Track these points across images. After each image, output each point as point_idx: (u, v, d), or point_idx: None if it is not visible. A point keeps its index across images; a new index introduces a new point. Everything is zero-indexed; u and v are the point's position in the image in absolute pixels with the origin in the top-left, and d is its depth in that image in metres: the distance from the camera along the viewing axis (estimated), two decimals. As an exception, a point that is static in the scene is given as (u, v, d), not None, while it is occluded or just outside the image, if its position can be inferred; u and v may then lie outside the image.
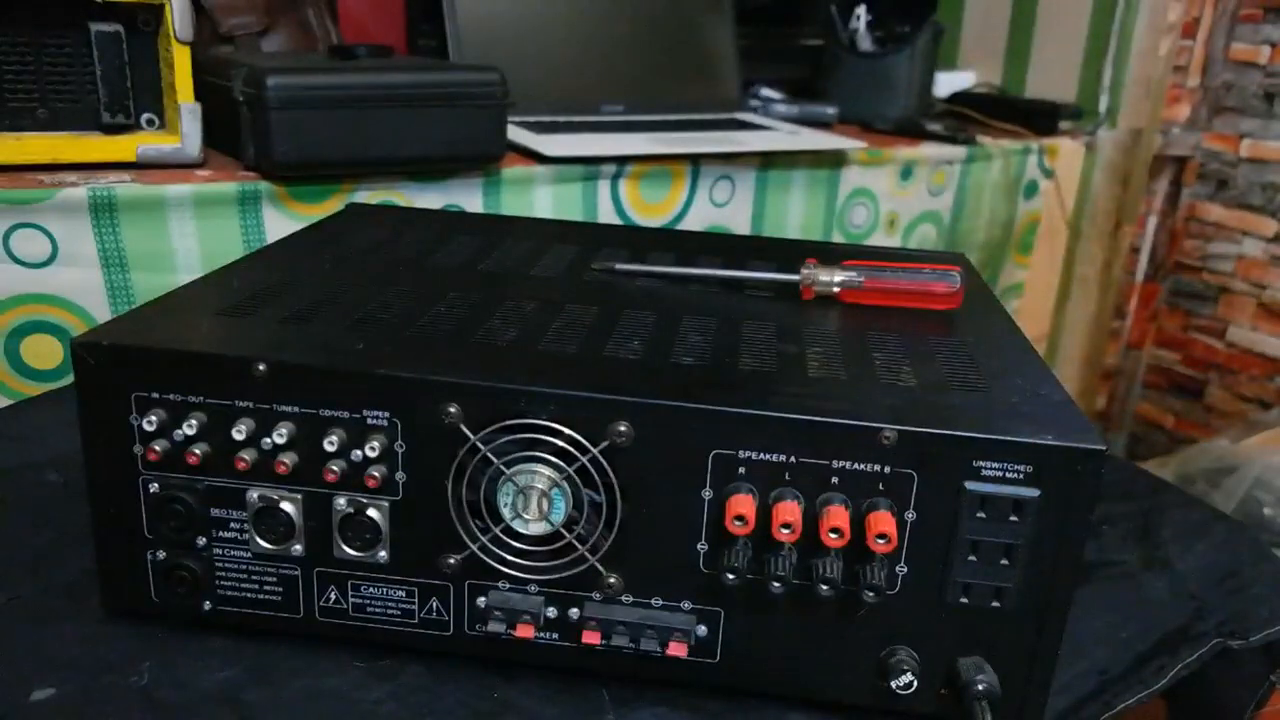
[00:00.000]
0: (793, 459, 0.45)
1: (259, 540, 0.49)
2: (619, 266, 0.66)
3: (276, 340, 0.50)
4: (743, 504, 0.45)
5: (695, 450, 0.45)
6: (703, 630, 0.48)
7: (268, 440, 0.47)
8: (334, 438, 0.47)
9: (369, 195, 1.00)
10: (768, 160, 1.24)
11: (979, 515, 0.45)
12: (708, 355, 0.52)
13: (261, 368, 0.46)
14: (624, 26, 1.37)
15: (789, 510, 0.45)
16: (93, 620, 0.52)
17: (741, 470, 0.46)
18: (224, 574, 0.50)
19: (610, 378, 0.48)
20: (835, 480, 0.45)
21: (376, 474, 0.47)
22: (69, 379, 0.49)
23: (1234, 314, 2.18)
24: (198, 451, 0.47)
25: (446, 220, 0.84)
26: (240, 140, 0.94)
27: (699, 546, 0.47)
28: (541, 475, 0.46)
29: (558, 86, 1.31)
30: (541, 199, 1.10)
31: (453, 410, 0.46)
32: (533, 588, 0.48)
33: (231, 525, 0.49)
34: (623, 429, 0.45)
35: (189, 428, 0.47)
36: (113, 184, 0.87)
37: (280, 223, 0.95)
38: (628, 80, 1.37)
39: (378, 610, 0.50)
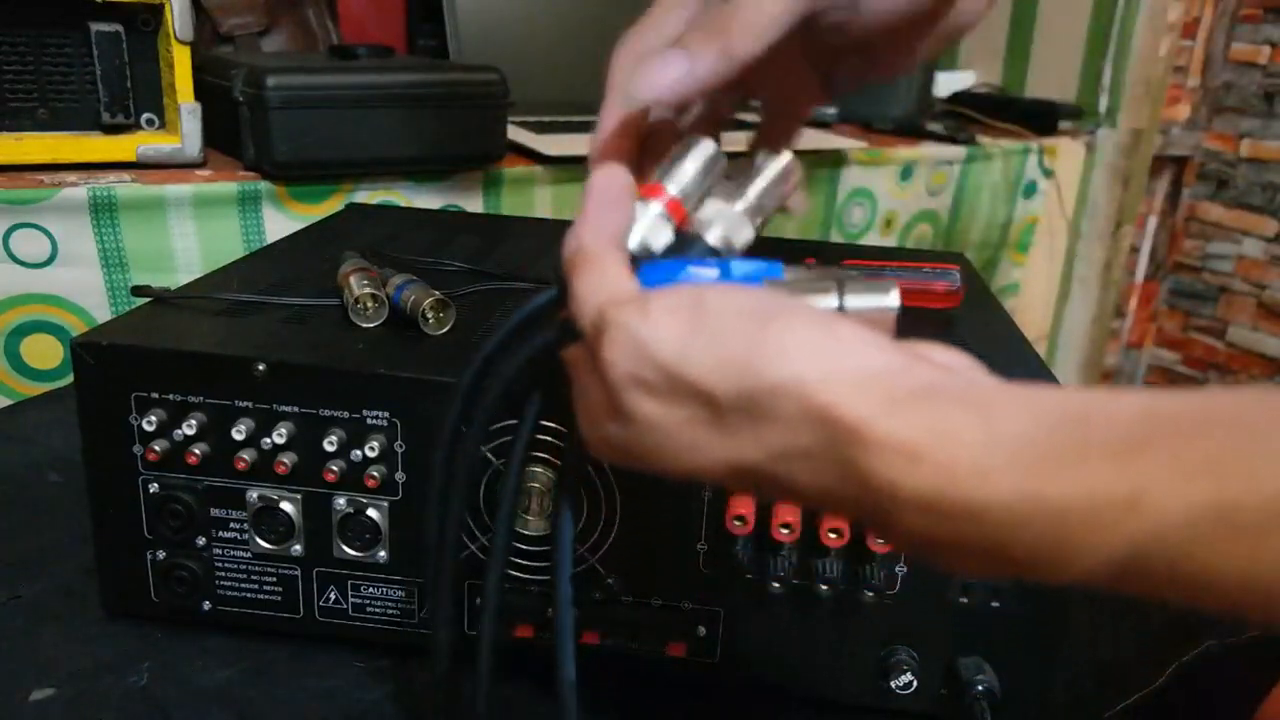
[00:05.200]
0: (792, 459, 0.45)
1: (259, 540, 0.49)
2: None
3: (276, 340, 0.50)
4: (743, 504, 0.45)
5: (695, 450, 0.45)
6: (703, 630, 0.48)
7: (267, 440, 0.47)
8: (334, 438, 0.47)
9: (369, 195, 1.00)
10: (767, 160, 1.23)
11: (979, 515, 0.45)
12: (707, 355, 0.52)
13: (261, 368, 0.46)
14: (624, 26, 1.36)
15: (788, 510, 0.45)
16: (93, 620, 0.52)
17: (741, 470, 0.45)
18: (224, 574, 0.50)
19: (610, 378, 0.48)
20: (835, 480, 0.45)
21: (376, 474, 0.47)
22: (69, 379, 0.49)
23: (1234, 314, 2.18)
24: (197, 451, 0.47)
25: (446, 220, 0.85)
26: (240, 140, 0.94)
27: (699, 546, 0.47)
28: (540, 475, 0.46)
29: (558, 86, 1.31)
30: (541, 199, 1.10)
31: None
32: (533, 588, 0.48)
33: (231, 525, 0.49)
34: (622, 429, 0.45)
35: (189, 428, 0.47)
36: (113, 184, 0.87)
37: (280, 223, 0.95)
38: (628, 80, 1.36)
39: (378, 610, 0.50)
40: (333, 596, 0.50)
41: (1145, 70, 1.65)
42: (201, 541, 0.49)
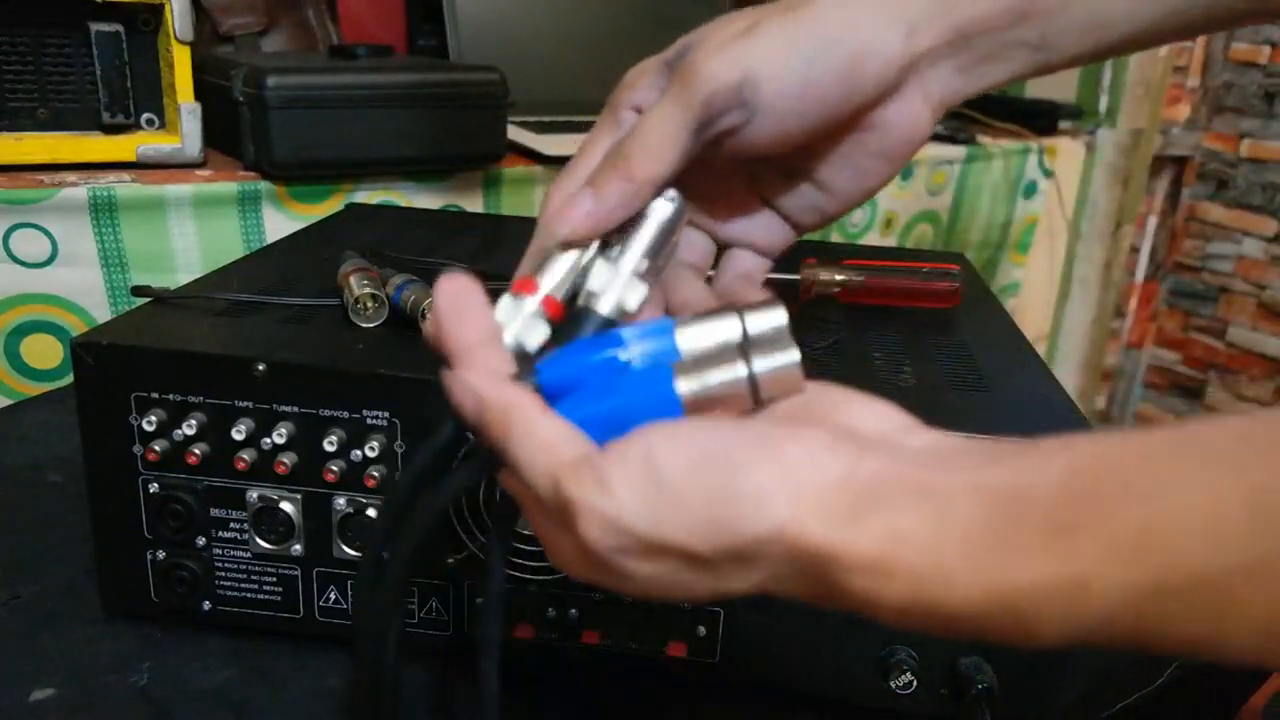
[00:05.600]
0: (792, 459, 0.45)
1: (258, 540, 0.49)
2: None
3: (276, 340, 0.50)
4: (742, 504, 0.45)
5: (695, 450, 0.45)
6: (702, 630, 0.48)
7: (267, 440, 0.47)
8: (334, 438, 0.47)
9: (369, 195, 1.00)
10: (768, 160, 1.23)
11: (979, 515, 0.45)
12: (707, 355, 0.52)
13: (261, 368, 0.46)
14: (624, 26, 1.37)
15: (789, 510, 0.44)
16: (93, 620, 0.52)
17: (741, 470, 0.45)
18: (224, 574, 0.50)
19: (610, 378, 0.48)
20: (835, 480, 0.45)
21: (376, 474, 0.47)
22: (69, 379, 0.49)
23: (1234, 314, 2.18)
24: (197, 451, 0.47)
25: (446, 220, 0.85)
26: (240, 140, 0.94)
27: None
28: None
29: (558, 86, 1.31)
30: (541, 199, 1.10)
31: (452, 410, 0.46)
32: (533, 588, 0.49)
33: (231, 525, 0.49)
34: (622, 429, 0.45)
35: (189, 428, 0.47)
36: (113, 184, 0.87)
37: (280, 223, 0.95)
38: (628, 80, 1.36)
39: (378, 610, 0.50)
40: (333, 596, 0.50)
41: (1145, 70, 1.65)
42: (201, 541, 0.49)
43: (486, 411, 0.30)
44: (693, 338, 0.32)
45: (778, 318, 0.32)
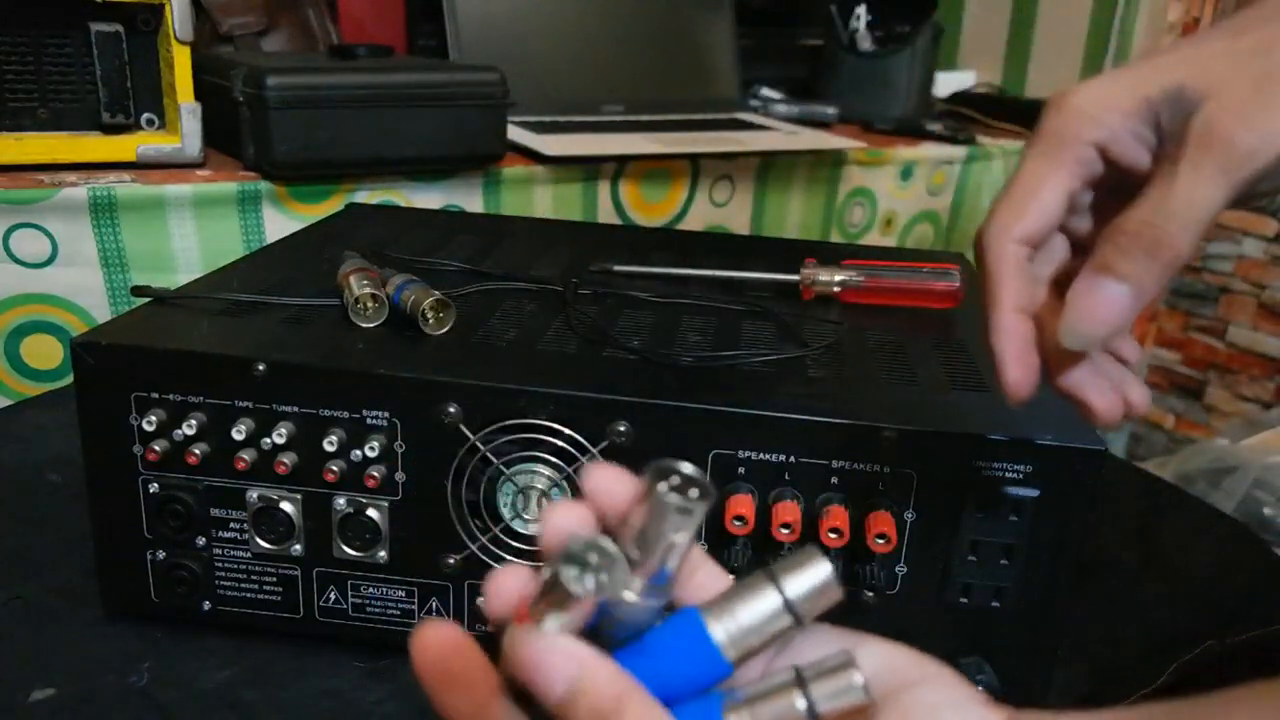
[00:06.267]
0: (792, 459, 0.45)
1: (258, 540, 0.49)
2: (617, 269, 0.66)
3: (276, 340, 0.50)
4: (742, 504, 0.45)
5: (695, 450, 0.45)
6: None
7: (267, 440, 0.47)
8: (334, 438, 0.47)
9: (369, 195, 1.00)
10: (767, 160, 1.24)
11: (979, 515, 0.45)
12: (708, 355, 0.52)
13: (261, 368, 0.46)
14: (624, 26, 1.37)
15: (788, 510, 0.45)
16: (93, 620, 0.52)
17: (741, 470, 0.46)
18: (224, 574, 0.50)
19: (610, 378, 0.48)
20: (835, 480, 0.45)
21: (376, 474, 0.47)
22: (69, 379, 0.49)
23: (1234, 314, 2.18)
24: (197, 451, 0.47)
25: (446, 220, 0.85)
26: (240, 140, 0.94)
27: (699, 546, 0.47)
28: (541, 475, 0.46)
29: (558, 86, 1.31)
30: (541, 199, 1.10)
31: (452, 410, 0.46)
32: (532, 588, 0.48)
33: (231, 525, 0.49)
34: (622, 429, 0.45)
35: (189, 428, 0.47)
36: (113, 184, 0.87)
37: (280, 223, 0.95)
38: (628, 80, 1.36)
39: (378, 610, 0.50)
40: (333, 596, 0.50)
41: (1145, 70, 1.64)
42: (201, 541, 0.49)
43: (590, 688, 0.26)
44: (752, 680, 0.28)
45: (848, 668, 0.29)
